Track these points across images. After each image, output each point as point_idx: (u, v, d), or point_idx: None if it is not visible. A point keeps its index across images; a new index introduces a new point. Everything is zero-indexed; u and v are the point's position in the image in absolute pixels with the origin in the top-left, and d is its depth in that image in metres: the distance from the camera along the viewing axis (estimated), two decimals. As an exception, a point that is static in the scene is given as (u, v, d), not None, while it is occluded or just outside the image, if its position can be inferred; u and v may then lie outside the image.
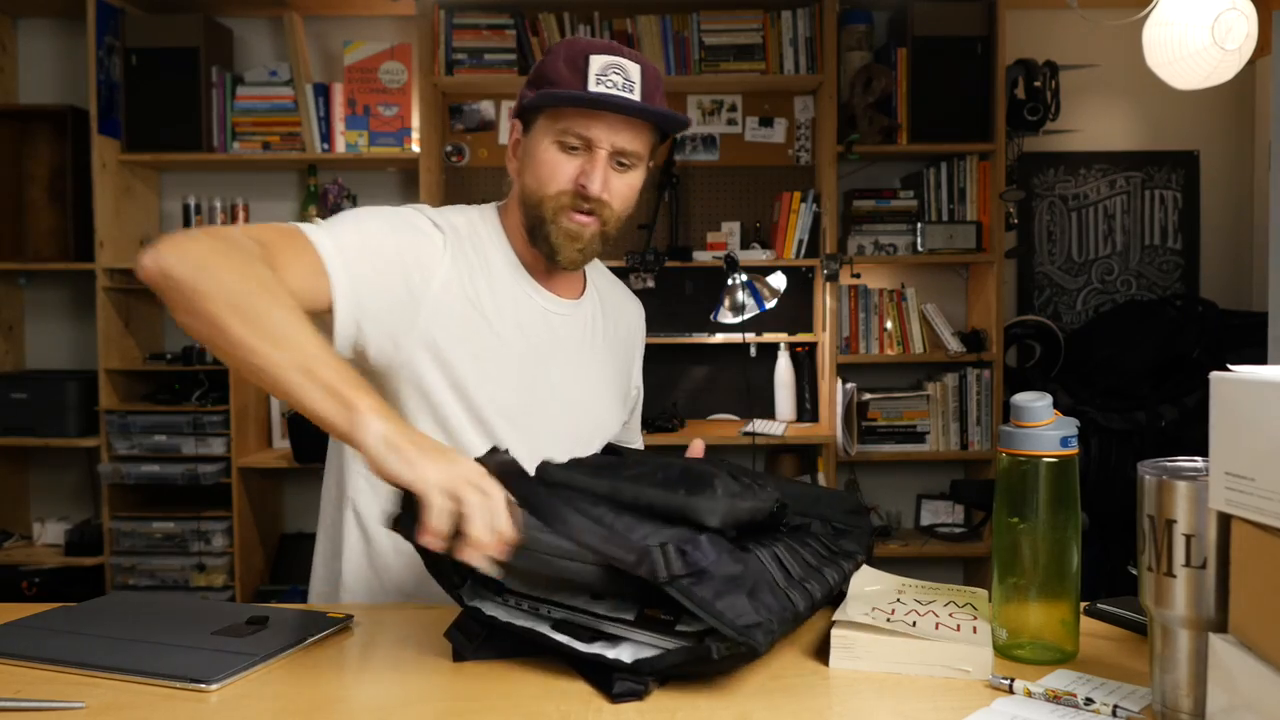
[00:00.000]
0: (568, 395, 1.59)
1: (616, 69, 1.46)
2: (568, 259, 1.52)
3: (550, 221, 1.50)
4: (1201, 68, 2.83)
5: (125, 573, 3.82)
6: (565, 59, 1.47)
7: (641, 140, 1.51)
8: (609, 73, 1.46)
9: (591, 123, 1.46)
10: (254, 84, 3.97)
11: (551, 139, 1.48)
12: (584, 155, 1.48)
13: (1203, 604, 0.94)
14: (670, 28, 3.94)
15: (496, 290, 1.53)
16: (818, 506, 1.35)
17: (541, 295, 1.59)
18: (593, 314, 1.67)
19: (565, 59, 1.47)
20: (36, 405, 3.82)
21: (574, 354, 1.62)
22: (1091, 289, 4.30)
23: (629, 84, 1.46)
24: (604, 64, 1.45)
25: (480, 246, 1.54)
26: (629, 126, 1.48)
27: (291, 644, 1.20)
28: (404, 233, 1.46)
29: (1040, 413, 1.14)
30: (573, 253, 1.52)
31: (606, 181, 1.49)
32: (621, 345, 1.74)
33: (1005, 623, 1.17)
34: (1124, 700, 1.02)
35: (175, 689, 1.08)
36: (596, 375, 1.66)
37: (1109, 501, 3.56)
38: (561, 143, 1.48)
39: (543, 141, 1.49)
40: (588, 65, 1.45)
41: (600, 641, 1.04)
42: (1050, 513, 1.15)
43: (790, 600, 1.08)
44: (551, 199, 1.49)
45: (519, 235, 1.57)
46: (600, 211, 1.50)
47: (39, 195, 3.96)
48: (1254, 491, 0.85)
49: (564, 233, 1.50)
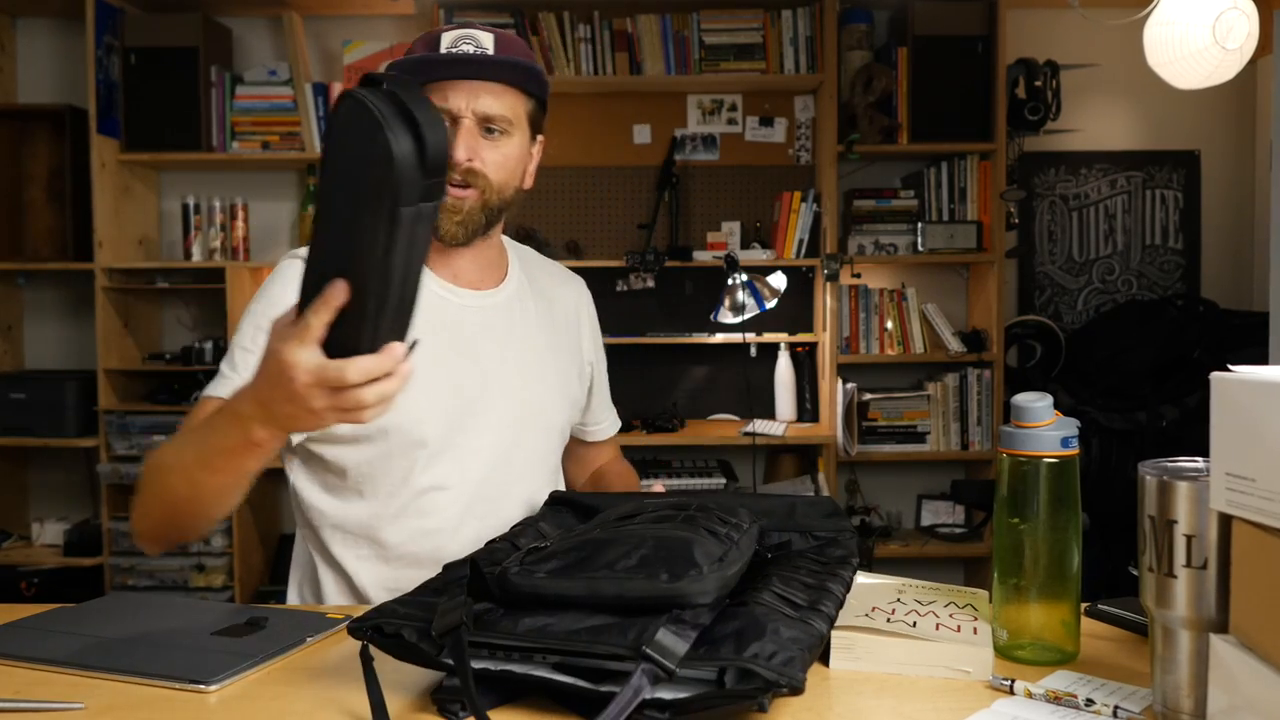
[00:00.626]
0: (500, 384, 1.57)
1: (467, 39, 1.46)
2: (447, 232, 1.50)
3: None
4: (1202, 67, 2.83)
5: (124, 573, 3.81)
6: (422, 43, 1.49)
7: (505, 104, 1.48)
8: (459, 44, 1.45)
9: (448, 92, 1.45)
10: (253, 83, 3.97)
11: None
12: (451, 128, 1.46)
13: (1203, 605, 0.93)
14: (670, 27, 3.93)
15: None
16: (794, 518, 1.32)
17: (451, 292, 1.57)
18: (516, 299, 1.65)
19: (422, 43, 1.49)
20: (35, 405, 3.82)
21: (498, 342, 1.60)
22: (1092, 289, 4.29)
23: (480, 50, 1.45)
24: (454, 36, 1.46)
25: None
26: (487, 90, 1.46)
27: (291, 645, 1.19)
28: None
29: (1041, 413, 1.14)
30: (451, 225, 1.50)
31: (476, 149, 1.47)
32: (562, 325, 1.71)
33: (1006, 623, 1.17)
34: (1125, 701, 1.01)
35: (174, 689, 1.08)
36: (530, 359, 1.63)
37: (1110, 502, 3.55)
38: None
39: None
40: (439, 39, 1.46)
41: (609, 681, 0.97)
42: (1051, 513, 1.14)
43: (811, 625, 1.04)
44: None
45: None
46: (474, 182, 1.48)
47: (38, 195, 3.96)
48: (1255, 492, 0.84)
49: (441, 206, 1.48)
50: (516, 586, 1.05)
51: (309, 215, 3.95)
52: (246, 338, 1.49)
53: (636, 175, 4.12)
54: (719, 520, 1.15)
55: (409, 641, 1.03)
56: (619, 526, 1.16)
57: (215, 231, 3.95)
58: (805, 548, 1.28)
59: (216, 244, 3.96)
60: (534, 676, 1.00)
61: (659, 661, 0.94)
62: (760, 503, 1.33)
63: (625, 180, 4.13)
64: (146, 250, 4.07)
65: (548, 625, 1.00)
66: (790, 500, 1.36)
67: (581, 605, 1.03)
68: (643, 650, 0.95)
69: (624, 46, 3.93)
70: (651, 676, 0.94)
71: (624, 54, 3.93)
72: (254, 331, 1.48)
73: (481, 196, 1.49)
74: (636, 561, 1.04)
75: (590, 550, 1.08)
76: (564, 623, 1.00)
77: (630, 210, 4.11)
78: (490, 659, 1.01)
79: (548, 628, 1.00)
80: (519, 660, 1.00)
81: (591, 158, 4.11)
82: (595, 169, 4.12)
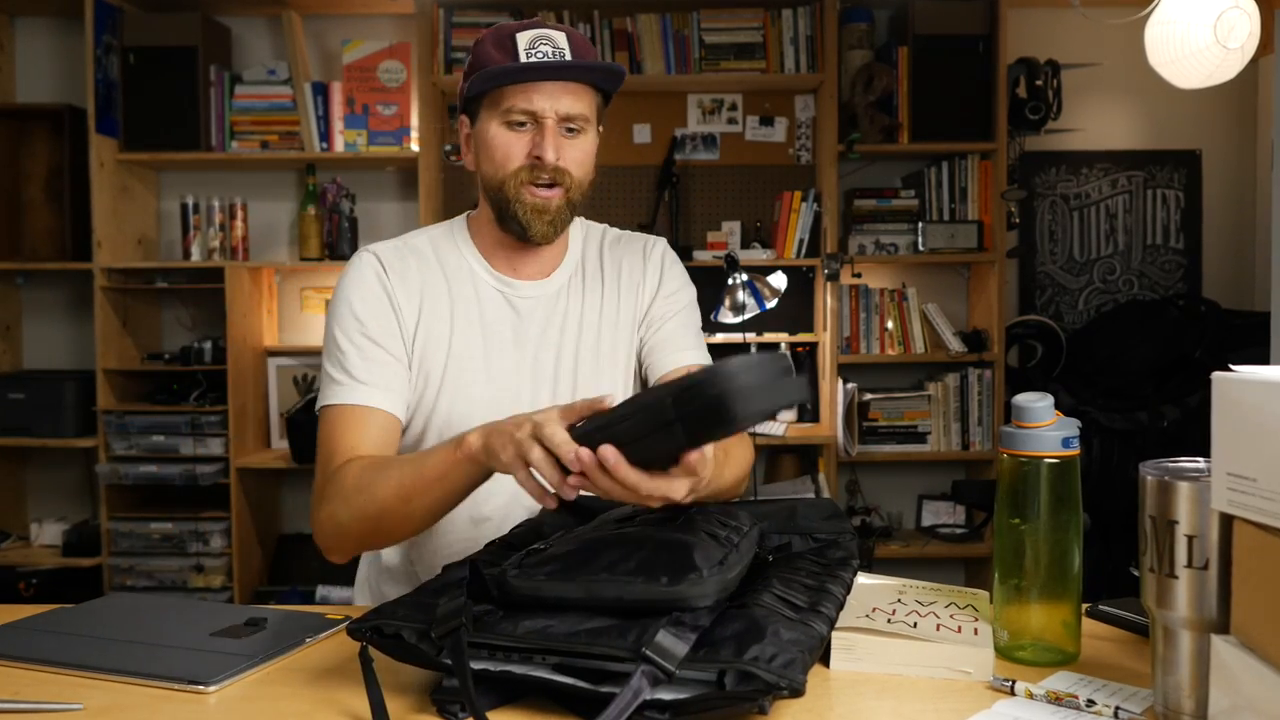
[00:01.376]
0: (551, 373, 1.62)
1: (544, 39, 1.49)
2: (539, 233, 1.54)
3: (514, 200, 1.52)
4: (1204, 66, 2.83)
5: (123, 573, 3.81)
6: (493, 43, 1.50)
7: (584, 102, 1.52)
8: (537, 45, 1.48)
9: (532, 95, 1.48)
10: (252, 83, 3.96)
11: (498, 121, 1.51)
12: (532, 129, 1.51)
13: (1205, 605, 0.93)
14: (670, 26, 3.93)
15: (457, 302, 1.60)
16: (794, 520, 1.33)
17: (508, 285, 1.62)
18: (574, 283, 1.67)
19: (493, 43, 1.50)
20: (34, 405, 3.81)
21: (551, 330, 1.63)
22: (1093, 289, 4.29)
23: (559, 51, 1.49)
24: (531, 38, 1.48)
25: (440, 264, 1.61)
26: (568, 91, 1.50)
27: (290, 645, 1.19)
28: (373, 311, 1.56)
29: (1041, 413, 1.14)
30: (543, 225, 1.54)
31: (560, 149, 1.51)
32: (626, 289, 1.70)
33: (1006, 624, 1.16)
34: (1126, 702, 1.01)
35: (173, 690, 1.08)
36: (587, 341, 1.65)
37: (1111, 502, 3.55)
38: (508, 122, 1.50)
39: (490, 126, 1.52)
40: (515, 43, 1.48)
41: (609, 682, 0.97)
42: (1051, 514, 1.14)
43: (811, 627, 1.05)
44: (511, 177, 1.52)
45: (490, 230, 1.61)
46: (561, 180, 1.53)
47: (36, 194, 3.95)
48: (1256, 492, 0.84)
49: (530, 208, 1.52)
50: (516, 588, 1.06)
51: (308, 214, 3.95)
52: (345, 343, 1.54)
53: (636, 175, 4.12)
54: (719, 523, 1.16)
55: (408, 642, 1.03)
56: (618, 529, 1.17)
57: (214, 231, 3.95)
58: (805, 550, 1.28)
59: (215, 244, 3.95)
60: (534, 677, 1.00)
61: (658, 663, 0.94)
62: (761, 507, 1.34)
63: (625, 180, 4.12)
64: (145, 250, 4.06)
65: (547, 627, 1.00)
66: (791, 503, 1.36)
67: (581, 607, 1.03)
68: (642, 652, 0.95)
69: (624, 46, 3.93)
70: (651, 678, 0.94)
71: (624, 53, 3.92)
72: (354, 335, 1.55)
73: (567, 194, 1.54)
74: (636, 564, 1.04)
75: (589, 552, 1.08)
76: (564, 624, 1.00)
77: (630, 210, 4.11)
78: (490, 660, 1.01)
79: (547, 629, 1.00)
80: (519, 661, 1.00)
81: (591, 157, 4.10)
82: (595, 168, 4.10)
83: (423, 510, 1.35)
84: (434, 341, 1.58)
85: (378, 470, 1.39)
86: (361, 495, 1.38)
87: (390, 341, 1.55)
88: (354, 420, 1.50)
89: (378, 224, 4.13)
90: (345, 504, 1.40)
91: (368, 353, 1.53)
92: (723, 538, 1.11)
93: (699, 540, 1.08)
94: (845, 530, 1.33)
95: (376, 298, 1.56)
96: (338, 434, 1.49)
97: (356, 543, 1.47)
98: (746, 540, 1.14)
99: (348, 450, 1.47)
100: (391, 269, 1.58)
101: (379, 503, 1.36)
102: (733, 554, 1.09)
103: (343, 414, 1.51)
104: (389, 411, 1.52)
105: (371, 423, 1.51)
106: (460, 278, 1.62)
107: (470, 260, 1.63)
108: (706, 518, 1.17)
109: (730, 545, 1.10)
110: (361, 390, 1.51)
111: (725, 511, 1.21)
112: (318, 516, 1.46)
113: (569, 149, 1.53)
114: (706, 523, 1.15)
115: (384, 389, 1.52)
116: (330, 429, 1.51)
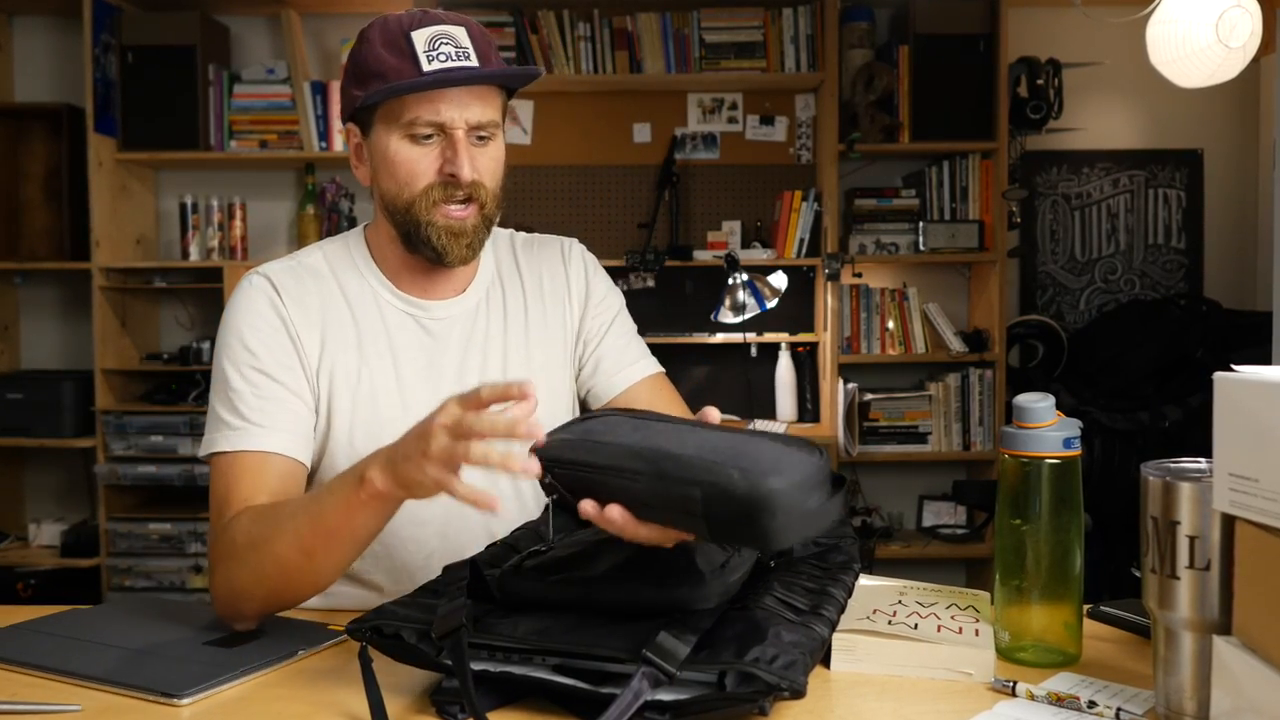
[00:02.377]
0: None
1: (445, 39, 1.32)
2: (457, 257, 1.40)
3: (426, 223, 1.37)
4: (1205, 65, 2.82)
5: (122, 574, 3.80)
6: (383, 42, 1.34)
7: (494, 106, 1.38)
8: (437, 45, 1.32)
9: (438, 104, 1.33)
10: (251, 82, 3.96)
11: (400, 134, 1.35)
12: (440, 141, 1.35)
13: (1206, 606, 0.93)
14: (670, 25, 3.92)
15: (364, 329, 1.45)
16: None
17: (418, 307, 1.48)
18: (486, 296, 1.53)
19: (383, 42, 1.34)
20: (32, 405, 3.80)
21: (469, 350, 1.49)
22: (1094, 288, 4.28)
23: (463, 51, 1.33)
24: (429, 37, 1.32)
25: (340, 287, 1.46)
26: (477, 98, 1.35)
27: (279, 658, 1.17)
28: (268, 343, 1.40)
29: (1043, 414, 1.13)
30: (460, 249, 1.39)
31: (473, 161, 1.36)
32: (550, 298, 1.57)
33: (1008, 625, 1.16)
34: (1127, 703, 1.01)
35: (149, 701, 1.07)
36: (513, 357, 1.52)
37: (1112, 502, 3.54)
38: (412, 135, 1.35)
39: (390, 140, 1.36)
40: (412, 44, 1.32)
41: (610, 684, 0.96)
42: (1053, 514, 1.13)
43: (813, 629, 1.04)
44: (421, 197, 1.37)
45: (391, 248, 1.46)
46: (476, 194, 1.38)
47: (34, 194, 3.94)
48: (1258, 493, 0.84)
49: (443, 231, 1.38)
50: (517, 589, 1.06)
51: (307, 214, 3.94)
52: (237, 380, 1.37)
53: (636, 174, 4.11)
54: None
55: (409, 643, 1.03)
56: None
57: (213, 231, 3.94)
58: (807, 554, 1.28)
59: (214, 243, 3.94)
60: (534, 678, 0.99)
61: (659, 664, 0.94)
62: None
63: (625, 179, 4.11)
64: (144, 250, 4.05)
65: (548, 628, 1.00)
66: None
67: (582, 609, 1.03)
68: (643, 653, 0.95)
69: (624, 45, 3.92)
70: (652, 679, 0.94)
71: (624, 52, 3.91)
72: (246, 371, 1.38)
73: (481, 210, 1.40)
74: (637, 567, 1.05)
75: (591, 555, 1.08)
76: (564, 625, 1.00)
77: (630, 209, 4.10)
78: (490, 660, 1.01)
79: (548, 630, 1.00)
80: (519, 662, 1.00)
81: (591, 157, 4.10)
82: (595, 168, 4.10)
83: (330, 565, 1.23)
84: (341, 375, 1.42)
85: (270, 522, 1.23)
86: (256, 552, 1.22)
87: (288, 375, 1.39)
88: (249, 469, 1.32)
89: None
90: (241, 564, 1.23)
91: (263, 390, 1.36)
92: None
93: (700, 543, 1.07)
94: (847, 535, 1.32)
95: (271, 327, 1.40)
96: (230, 485, 1.32)
97: (261, 605, 1.25)
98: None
99: (241, 504, 1.29)
100: (287, 293, 1.42)
101: (278, 560, 1.21)
102: (734, 557, 1.08)
103: (236, 462, 1.33)
104: (290, 456, 1.36)
105: (269, 471, 1.33)
106: (363, 302, 1.46)
107: (372, 282, 1.47)
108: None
109: (732, 549, 1.10)
110: (256, 434, 1.34)
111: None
112: (213, 581, 1.27)
113: (481, 159, 1.37)
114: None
115: (283, 431, 1.36)
116: (222, 480, 1.33)
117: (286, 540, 1.20)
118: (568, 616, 1.02)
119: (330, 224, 3.97)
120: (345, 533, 1.19)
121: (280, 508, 1.26)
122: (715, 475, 0.94)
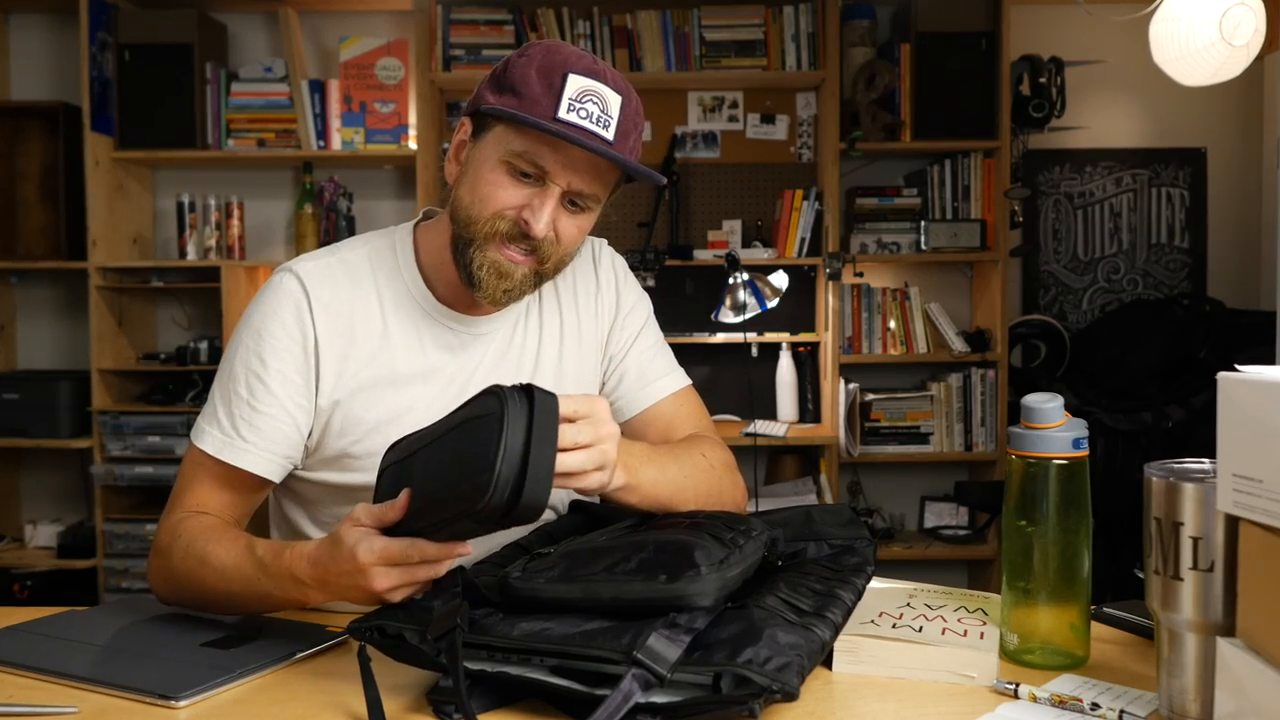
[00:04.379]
0: None
1: (594, 97, 1.27)
2: (488, 296, 1.34)
3: (477, 247, 1.32)
4: (1209, 64, 2.80)
5: (118, 575, 3.79)
6: (540, 68, 1.28)
7: (602, 182, 1.33)
8: (585, 100, 1.27)
9: (551, 154, 1.28)
10: (249, 80, 3.95)
11: (503, 157, 1.30)
12: (534, 186, 1.30)
13: (1210, 608, 0.93)
14: (671, 23, 3.91)
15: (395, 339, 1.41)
16: (810, 526, 1.31)
17: (456, 321, 1.44)
18: (526, 310, 1.50)
19: (540, 68, 1.28)
20: (28, 406, 3.79)
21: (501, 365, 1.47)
22: (1097, 288, 4.26)
23: (605, 118, 1.28)
24: (581, 88, 1.27)
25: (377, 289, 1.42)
26: (592, 167, 1.30)
27: (276, 660, 1.17)
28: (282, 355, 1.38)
29: (1051, 414, 1.12)
30: (497, 291, 1.33)
31: (554, 221, 1.31)
32: (585, 307, 1.54)
33: (1015, 628, 1.15)
34: (1130, 705, 1.01)
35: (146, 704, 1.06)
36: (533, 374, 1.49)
37: (1115, 503, 3.50)
38: (511, 165, 1.29)
39: (491, 156, 1.31)
40: (563, 85, 1.26)
41: (605, 685, 0.96)
42: (1060, 516, 1.13)
43: (813, 631, 1.04)
44: (486, 222, 1.31)
45: (443, 253, 1.40)
46: (541, 250, 1.33)
47: (31, 193, 3.92)
48: (1262, 493, 0.84)
49: (491, 265, 1.32)
50: (516, 590, 1.06)
51: (304, 213, 3.93)
52: (241, 384, 1.37)
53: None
54: (724, 526, 1.15)
55: (410, 643, 1.04)
56: (625, 534, 1.18)
57: (210, 230, 3.93)
58: (820, 555, 1.28)
59: (212, 242, 3.93)
60: (530, 679, 1.00)
61: (650, 667, 0.94)
62: (776, 514, 1.34)
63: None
64: (141, 249, 4.04)
65: (545, 629, 1.01)
66: (806, 508, 1.36)
67: (579, 608, 1.04)
68: (633, 656, 0.95)
69: (624, 43, 3.90)
70: (642, 682, 0.94)
71: (624, 50, 3.90)
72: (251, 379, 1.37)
73: (540, 265, 1.34)
74: (635, 565, 1.05)
75: (591, 555, 1.09)
76: (561, 626, 1.01)
77: (630, 209, 4.09)
78: (488, 661, 1.01)
79: (544, 631, 1.00)
80: (516, 663, 1.01)
81: (590, 156, 4.07)
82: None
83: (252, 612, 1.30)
84: (363, 383, 1.39)
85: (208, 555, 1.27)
86: (188, 569, 1.28)
87: (289, 391, 1.37)
88: (218, 477, 1.37)
89: (375, 222, 4.10)
90: (174, 568, 1.30)
91: (259, 403, 1.36)
92: (727, 539, 1.10)
93: (701, 540, 1.07)
94: (861, 536, 1.32)
95: (290, 338, 1.37)
96: (196, 481, 1.37)
97: (183, 605, 1.33)
98: (753, 543, 1.13)
99: (199, 504, 1.36)
100: (317, 299, 1.38)
101: (205, 589, 1.28)
102: (735, 554, 1.08)
103: (211, 466, 1.36)
104: (261, 475, 1.37)
105: (236, 484, 1.37)
106: (400, 310, 1.42)
107: (411, 288, 1.43)
108: (713, 521, 1.17)
109: (734, 546, 1.09)
110: (239, 449, 1.35)
111: (735, 517, 1.20)
112: (151, 564, 1.34)
113: (564, 223, 1.33)
114: (712, 525, 1.15)
115: (263, 451, 1.36)
116: (192, 471, 1.38)
117: (214, 581, 1.27)
118: (567, 617, 1.02)
119: (328, 223, 3.96)
120: (269, 606, 1.27)
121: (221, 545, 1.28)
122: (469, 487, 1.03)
